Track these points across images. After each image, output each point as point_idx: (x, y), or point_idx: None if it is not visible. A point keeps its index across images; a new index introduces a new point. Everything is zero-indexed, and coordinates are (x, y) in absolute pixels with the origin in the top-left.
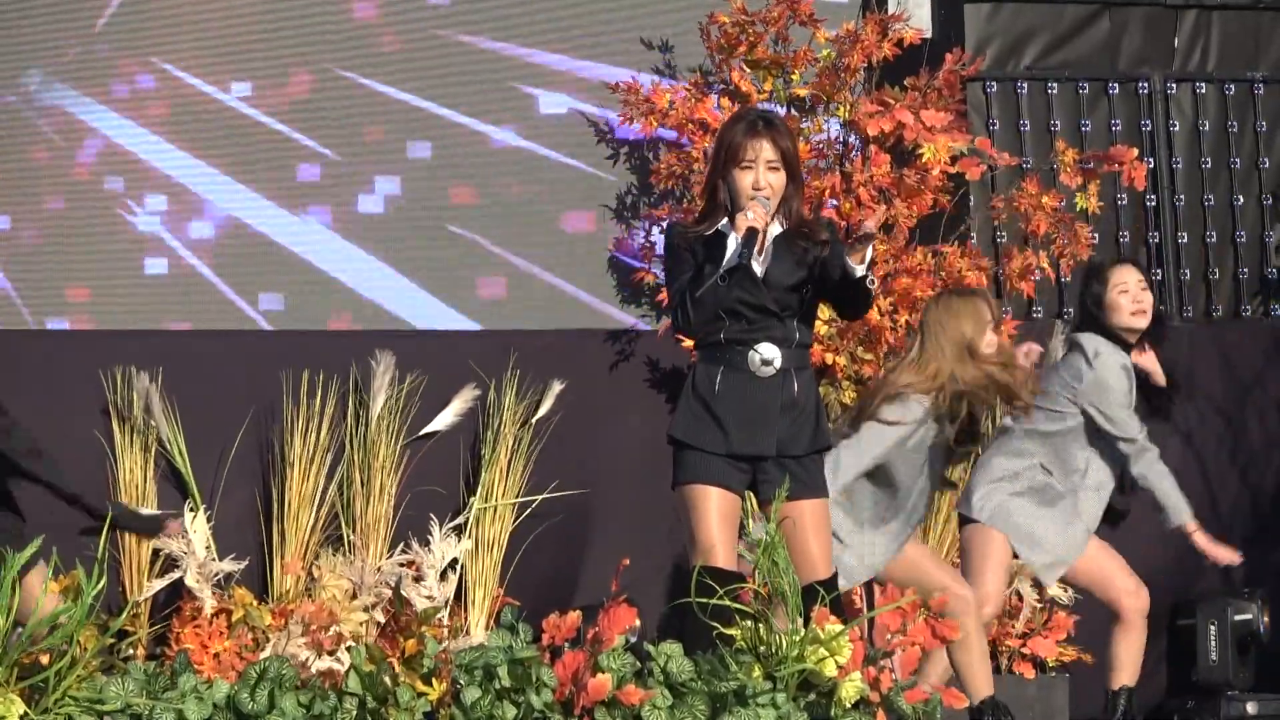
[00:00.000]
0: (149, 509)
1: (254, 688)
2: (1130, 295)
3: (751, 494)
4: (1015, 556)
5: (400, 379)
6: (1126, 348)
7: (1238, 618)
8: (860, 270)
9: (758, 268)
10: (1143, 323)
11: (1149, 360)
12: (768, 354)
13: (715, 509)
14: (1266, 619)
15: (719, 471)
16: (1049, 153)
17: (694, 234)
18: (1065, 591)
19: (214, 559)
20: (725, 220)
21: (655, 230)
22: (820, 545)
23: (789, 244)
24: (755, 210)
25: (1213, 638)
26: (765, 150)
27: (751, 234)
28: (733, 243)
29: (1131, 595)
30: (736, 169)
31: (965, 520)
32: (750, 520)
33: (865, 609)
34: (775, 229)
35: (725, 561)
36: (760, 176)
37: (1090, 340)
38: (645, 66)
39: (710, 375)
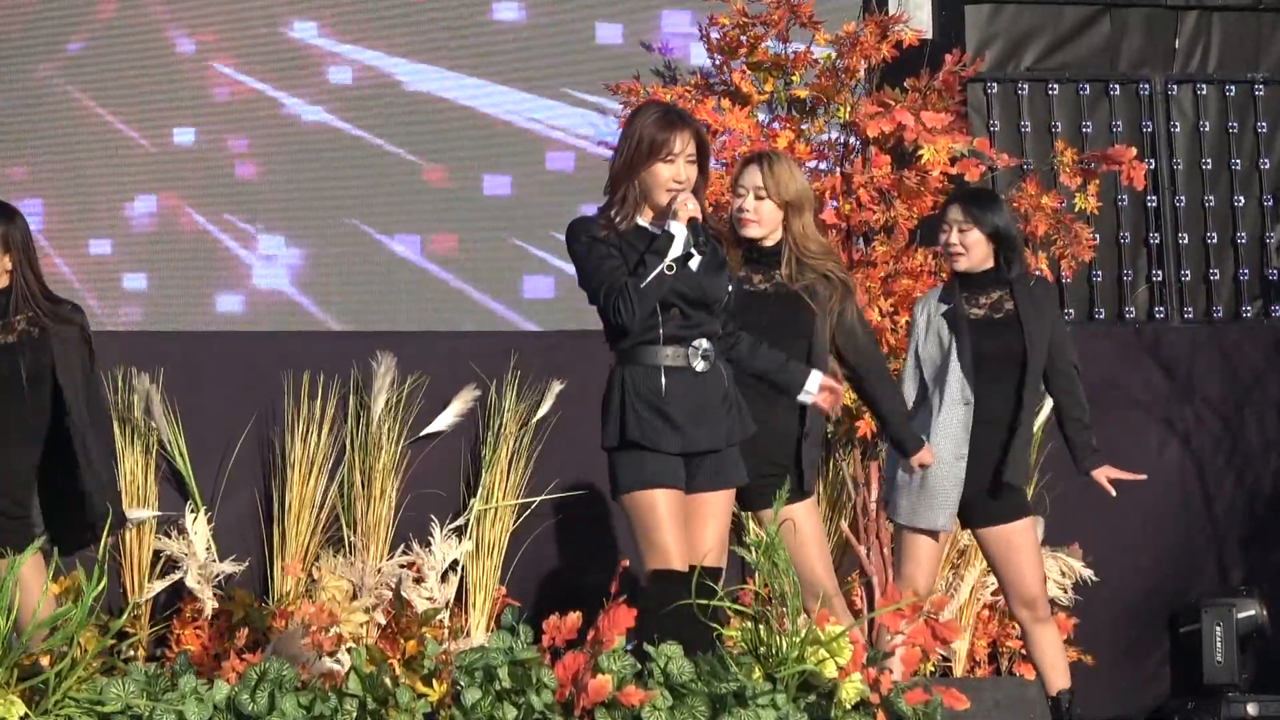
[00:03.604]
0: (149, 510)
1: (254, 689)
2: (946, 236)
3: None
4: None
5: (401, 380)
6: (976, 286)
7: (1241, 615)
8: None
9: (695, 262)
10: (957, 265)
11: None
12: (706, 349)
13: (672, 513)
14: (1265, 613)
15: (671, 474)
16: (1049, 154)
17: (610, 230)
18: (1065, 592)
19: (215, 560)
20: (646, 216)
21: None
22: (717, 534)
23: (707, 238)
24: (692, 201)
25: (1219, 638)
26: (688, 144)
27: (696, 223)
28: (679, 233)
29: (1025, 607)
30: (659, 163)
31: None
32: (751, 524)
33: (865, 609)
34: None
35: (681, 564)
36: (681, 169)
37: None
38: (645, 68)
39: (651, 376)
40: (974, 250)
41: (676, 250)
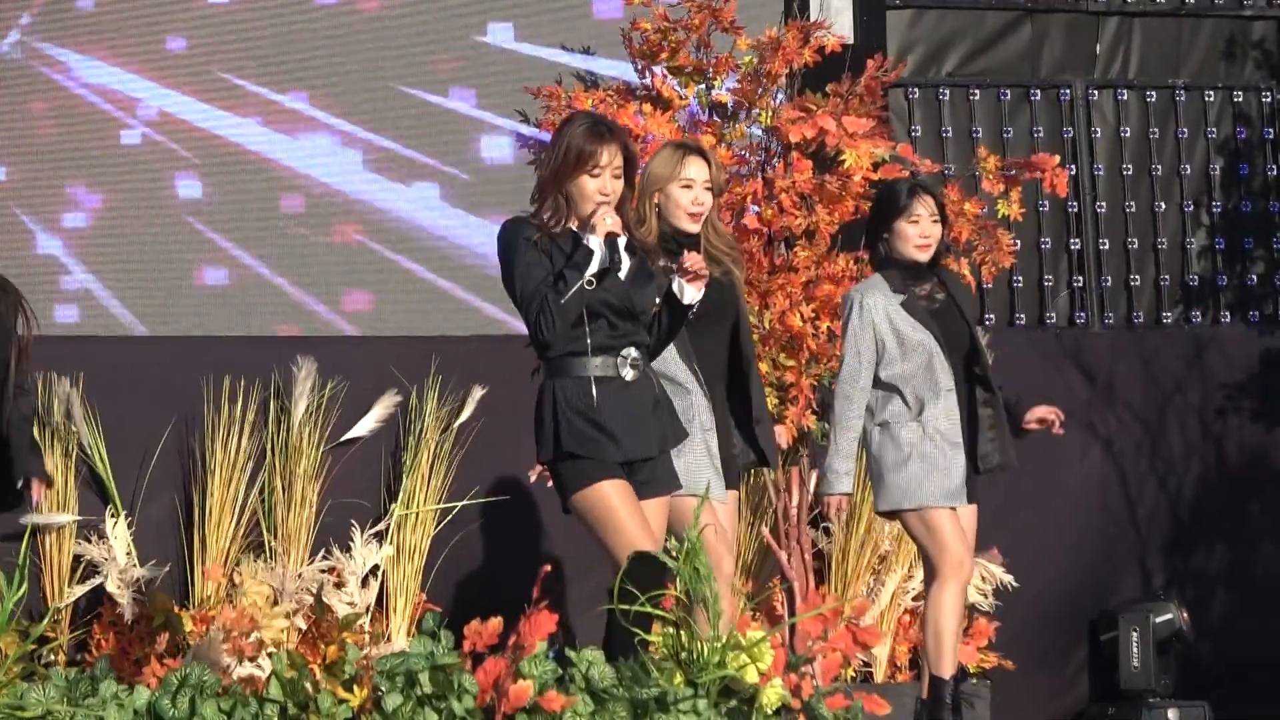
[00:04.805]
0: (69, 514)
1: (175, 694)
2: (919, 227)
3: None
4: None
5: (321, 385)
6: (912, 276)
7: (1159, 620)
8: (690, 296)
9: (623, 273)
10: (924, 256)
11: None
12: (635, 358)
13: (626, 500)
14: (1185, 615)
15: (615, 472)
16: (971, 159)
17: (544, 233)
18: (985, 598)
19: (135, 565)
20: (575, 224)
21: None
22: (654, 544)
23: (633, 250)
24: (611, 216)
25: (1135, 644)
26: (615, 157)
27: (614, 238)
28: (596, 249)
29: (955, 567)
30: (585, 175)
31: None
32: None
33: (786, 614)
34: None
35: (653, 547)
36: (607, 183)
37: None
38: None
39: (582, 387)
40: (936, 241)
41: (594, 267)
